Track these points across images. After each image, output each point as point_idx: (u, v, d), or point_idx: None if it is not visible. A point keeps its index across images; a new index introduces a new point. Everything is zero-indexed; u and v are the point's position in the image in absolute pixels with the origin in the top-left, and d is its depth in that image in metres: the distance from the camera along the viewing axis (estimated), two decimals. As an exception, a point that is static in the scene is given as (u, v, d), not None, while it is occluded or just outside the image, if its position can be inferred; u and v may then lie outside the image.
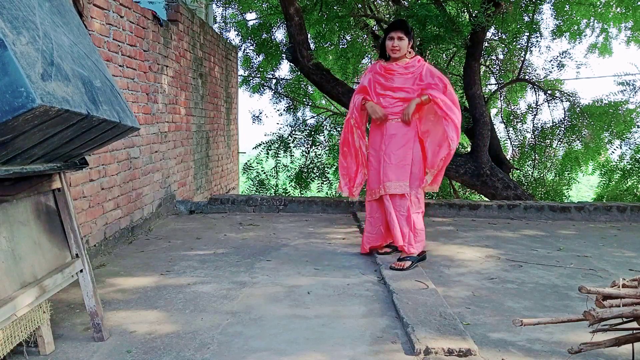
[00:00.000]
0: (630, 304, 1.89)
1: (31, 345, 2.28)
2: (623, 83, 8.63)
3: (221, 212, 5.83)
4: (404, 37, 3.74)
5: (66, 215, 2.44)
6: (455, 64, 9.03)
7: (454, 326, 2.51)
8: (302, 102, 11.09)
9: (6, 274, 1.99)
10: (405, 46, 3.76)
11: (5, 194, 2.07)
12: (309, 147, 10.16)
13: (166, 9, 5.70)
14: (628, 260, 3.99)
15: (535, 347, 2.41)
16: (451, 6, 7.89)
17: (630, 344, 2.07)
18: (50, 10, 2.04)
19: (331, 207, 5.85)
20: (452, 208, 5.77)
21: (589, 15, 8.95)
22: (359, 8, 8.15)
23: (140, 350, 2.36)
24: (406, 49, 3.77)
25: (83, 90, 1.94)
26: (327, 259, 3.91)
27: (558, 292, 3.20)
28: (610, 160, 9.19)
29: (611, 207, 5.67)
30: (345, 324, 2.67)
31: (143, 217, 4.84)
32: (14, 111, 1.56)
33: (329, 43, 8.82)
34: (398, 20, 4.15)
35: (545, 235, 4.86)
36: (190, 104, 6.19)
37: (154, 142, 5.06)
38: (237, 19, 10.15)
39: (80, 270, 2.44)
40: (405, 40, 3.74)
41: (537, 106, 9.13)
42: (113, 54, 4.12)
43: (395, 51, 3.75)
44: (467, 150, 8.10)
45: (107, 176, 4.08)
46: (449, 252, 4.16)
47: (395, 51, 3.75)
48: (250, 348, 2.38)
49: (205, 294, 3.10)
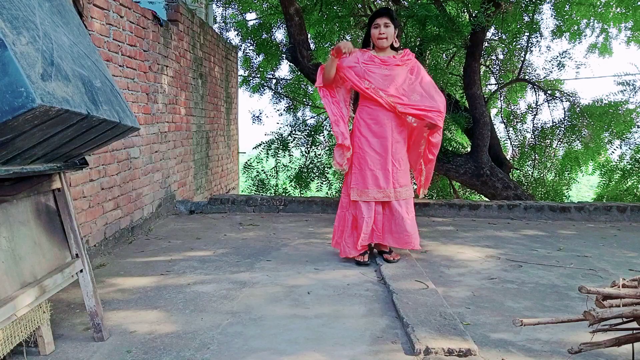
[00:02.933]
0: (630, 304, 1.89)
1: (31, 345, 2.28)
2: (623, 83, 8.62)
3: (221, 212, 5.83)
4: (390, 24, 3.56)
5: (66, 215, 2.44)
6: (455, 64, 9.02)
7: (454, 326, 2.51)
8: (302, 102, 11.09)
9: (6, 274, 1.99)
10: (392, 34, 3.58)
11: (5, 194, 2.07)
12: (309, 147, 10.16)
13: (166, 9, 5.70)
14: (628, 260, 3.99)
15: (535, 347, 2.41)
16: (451, 6, 7.88)
17: (630, 344, 2.07)
18: (50, 10, 2.04)
19: (331, 207, 5.84)
20: (452, 208, 5.77)
21: (589, 15, 8.94)
22: (359, 8, 8.16)
23: (140, 350, 2.36)
24: (393, 37, 3.60)
25: (83, 90, 1.94)
26: (327, 259, 3.91)
27: (558, 292, 3.20)
28: (610, 160, 9.18)
29: (611, 207, 5.67)
30: (345, 324, 2.67)
31: (143, 217, 4.84)
32: (14, 111, 1.56)
33: (329, 43, 8.81)
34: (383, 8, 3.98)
35: (545, 235, 4.86)
36: (190, 104, 6.19)
37: (154, 142, 5.06)
38: (237, 19, 10.15)
39: (80, 270, 2.44)
40: (392, 27, 3.57)
41: (537, 106, 9.12)
42: (113, 54, 4.12)
43: (382, 39, 3.55)
44: (467, 150, 8.09)
45: (107, 176, 4.08)
46: (449, 252, 4.16)
47: (382, 39, 3.55)
48: (250, 348, 2.38)
49: (205, 294, 3.10)
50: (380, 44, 3.61)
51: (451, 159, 7.34)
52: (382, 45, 3.61)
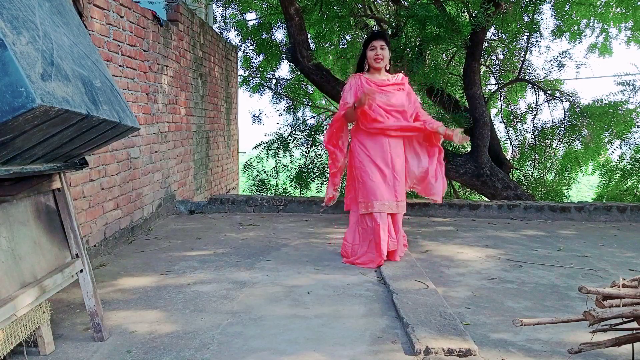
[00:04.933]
0: (630, 304, 1.89)
1: (31, 345, 2.28)
2: (623, 83, 8.62)
3: (221, 212, 5.83)
4: (385, 46, 3.73)
5: (66, 215, 2.44)
6: (455, 64, 9.02)
7: (454, 326, 2.51)
8: (302, 102, 11.09)
9: (6, 274, 1.99)
10: (388, 56, 3.75)
11: (5, 194, 2.07)
12: (309, 147, 10.15)
13: (166, 9, 5.70)
14: (628, 260, 3.99)
15: (535, 347, 2.41)
16: (451, 6, 7.88)
17: (630, 344, 2.07)
18: (50, 10, 2.04)
19: (331, 207, 5.83)
20: (452, 208, 5.77)
21: (589, 15, 8.95)
22: (359, 8, 8.15)
23: (140, 350, 2.36)
24: (388, 59, 3.76)
25: (83, 90, 1.94)
26: (327, 259, 3.91)
27: (558, 292, 3.20)
28: (610, 160, 9.18)
29: (611, 207, 5.67)
30: (345, 324, 2.67)
31: (143, 217, 4.84)
32: (14, 111, 1.56)
33: (329, 43, 8.81)
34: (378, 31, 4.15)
35: (545, 235, 4.86)
36: (190, 104, 6.19)
37: (154, 142, 5.06)
38: (237, 19, 10.15)
39: (80, 270, 2.44)
40: (387, 49, 3.74)
41: (537, 106, 9.12)
42: (113, 54, 4.12)
43: (378, 60, 3.70)
44: (467, 150, 8.09)
45: (107, 176, 4.08)
46: (449, 252, 4.16)
47: (379, 60, 3.70)
48: (250, 348, 2.38)
49: (205, 294, 3.10)
50: (377, 66, 3.75)
51: (451, 159, 7.33)
52: (378, 66, 3.75)
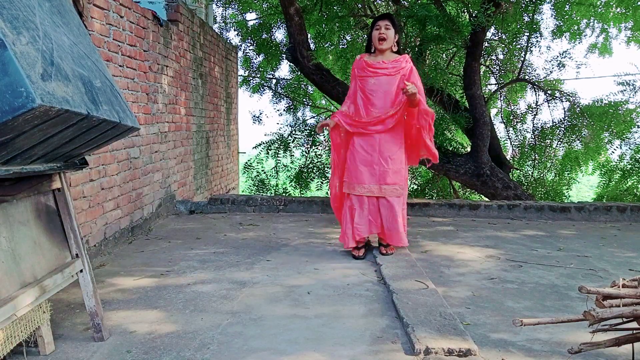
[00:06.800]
0: (630, 304, 1.89)
1: (31, 345, 2.28)
2: (623, 83, 8.62)
3: (221, 212, 5.83)
4: (390, 26, 3.68)
5: (66, 215, 2.44)
6: (455, 64, 9.02)
7: (454, 326, 2.51)
8: (302, 102, 11.08)
9: (6, 274, 1.99)
10: (392, 37, 3.70)
11: (5, 194, 2.07)
12: (309, 147, 10.15)
13: (166, 9, 5.70)
14: (628, 260, 3.99)
15: (535, 347, 2.41)
16: (451, 6, 7.89)
17: (630, 344, 2.07)
18: (50, 10, 2.04)
19: (331, 207, 5.83)
20: (452, 208, 5.77)
21: (589, 15, 8.95)
22: (359, 8, 8.16)
23: (140, 350, 2.36)
24: (393, 40, 3.71)
25: (83, 90, 1.94)
26: (327, 259, 3.91)
27: (558, 292, 3.20)
28: (610, 160, 9.18)
29: (611, 207, 5.67)
30: (345, 324, 2.67)
31: (143, 217, 4.84)
32: (14, 111, 1.56)
33: (329, 43, 8.81)
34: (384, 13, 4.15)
35: (545, 235, 4.86)
36: (190, 104, 6.19)
37: (154, 142, 5.06)
38: (237, 19, 10.15)
39: (80, 270, 2.44)
40: (392, 30, 3.69)
41: (537, 106, 9.12)
42: (113, 54, 4.12)
43: (381, 41, 3.66)
44: (467, 150, 8.09)
45: (107, 176, 4.08)
46: (449, 252, 4.16)
47: (382, 40, 3.66)
48: (250, 348, 2.38)
49: (205, 294, 3.10)
50: (380, 47, 3.70)
51: (451, 159, 7.34)
52: (382, 47, 3.70)
